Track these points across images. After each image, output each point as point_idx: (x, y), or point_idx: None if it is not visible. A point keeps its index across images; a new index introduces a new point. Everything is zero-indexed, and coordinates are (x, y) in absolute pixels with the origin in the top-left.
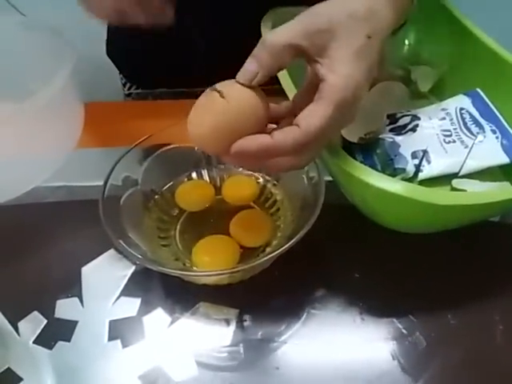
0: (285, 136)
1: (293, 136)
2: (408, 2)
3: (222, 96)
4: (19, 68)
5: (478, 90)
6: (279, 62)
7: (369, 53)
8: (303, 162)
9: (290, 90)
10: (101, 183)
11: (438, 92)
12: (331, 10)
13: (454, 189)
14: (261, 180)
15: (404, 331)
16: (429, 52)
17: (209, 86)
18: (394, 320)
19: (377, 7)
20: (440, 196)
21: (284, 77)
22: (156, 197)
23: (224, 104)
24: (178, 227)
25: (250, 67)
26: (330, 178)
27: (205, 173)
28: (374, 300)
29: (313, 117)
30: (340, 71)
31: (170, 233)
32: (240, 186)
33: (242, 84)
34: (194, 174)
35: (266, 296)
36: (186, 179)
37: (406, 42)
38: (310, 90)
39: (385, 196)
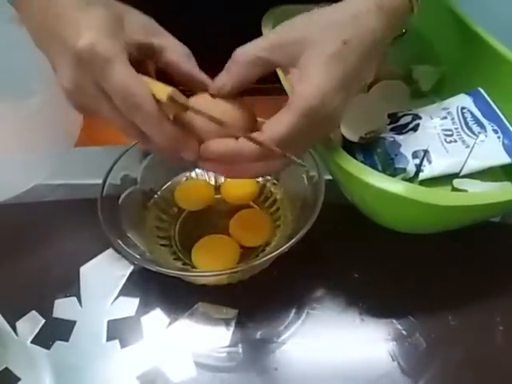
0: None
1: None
2: (404, 9)
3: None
4: (19, 66)
5: (480, 89)
6: (248, 74)
7: (345, 58)
8: (277, 167)
9: (290, 90)
10: (100, 182)
11: (440, 91)
12: (309, 21)
13: (455, 189)
14: (260, 179)
15: (404, 332)
16: (430, 51)
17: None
18: (394, 321)
19: (361, 15)
20: (441, 197)
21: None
22: (155, 196)
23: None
24: (177, 226)
25: (220, 78)
26: (329, 177)
27: (204, 172)
28: (373, 300)
29: (277, 124)
30: (308, 80)
31: (170, 232)
32: (240, 185)
33: (213, 95)
34: (193, 174)
35: (265, 296)
36: (184, 178)
37: (408, 40)
38: None
39: (385, 196)
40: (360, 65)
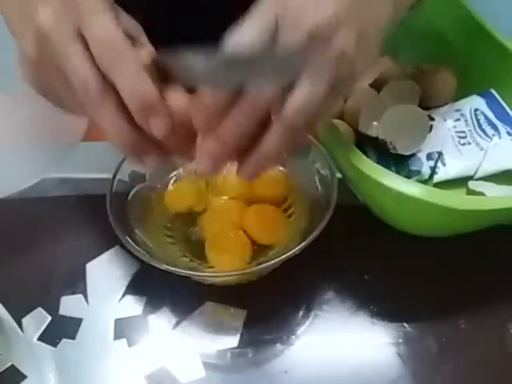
0: None
1: None
2: None
3: None
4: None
5: (492, 91)
6: None
7: None
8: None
9: None
10: (107, 176)
11: None
12: None
13: (470, 191)
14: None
15: (415, 336)
16: (442, 50)
17: None
18: (405, 324)
19: None
20: (462, 200)
21: None
22: (163, 193)
23: None
24: (186, 224)
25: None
26: (339, 176)
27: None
28: (384, 303)
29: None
30: None
31: (178, 230)
32: (270, 185)
33: None
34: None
35: (274, 297)
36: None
37: (420, 39)
38: None
39: (403, 199)
40: None
